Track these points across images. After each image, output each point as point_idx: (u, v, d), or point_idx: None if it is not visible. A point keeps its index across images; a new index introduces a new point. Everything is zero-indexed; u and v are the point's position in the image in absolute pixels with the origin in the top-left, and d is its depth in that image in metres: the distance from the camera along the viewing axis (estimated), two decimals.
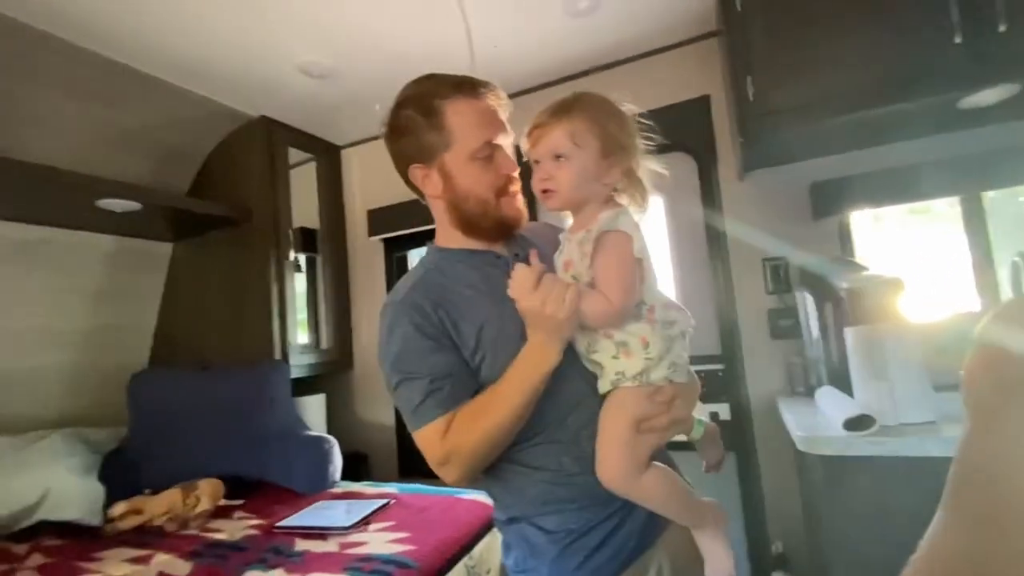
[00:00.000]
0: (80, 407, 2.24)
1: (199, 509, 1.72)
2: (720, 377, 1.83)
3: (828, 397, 1.36)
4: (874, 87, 1.30)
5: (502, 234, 0.87)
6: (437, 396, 0.77)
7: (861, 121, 1.37)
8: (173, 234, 2.40)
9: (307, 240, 2.47)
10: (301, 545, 1.45)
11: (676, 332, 0.80)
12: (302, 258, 2.49)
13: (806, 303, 1.56)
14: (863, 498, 1.13)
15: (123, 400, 2.11)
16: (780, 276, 1.72)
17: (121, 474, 1.86)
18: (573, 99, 0.81)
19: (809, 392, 1.55)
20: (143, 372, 2.24)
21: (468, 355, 0.80)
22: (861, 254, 1.69)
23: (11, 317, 2.00)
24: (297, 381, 2.17)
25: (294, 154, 2.38)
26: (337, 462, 1.97)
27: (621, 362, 0.77)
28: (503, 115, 0.86)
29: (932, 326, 1.42)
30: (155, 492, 1.77)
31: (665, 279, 1.96)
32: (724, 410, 1.84)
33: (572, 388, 0.81)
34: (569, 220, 0.86)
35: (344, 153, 2.59)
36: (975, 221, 1.59)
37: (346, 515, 1.62)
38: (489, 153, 0.83)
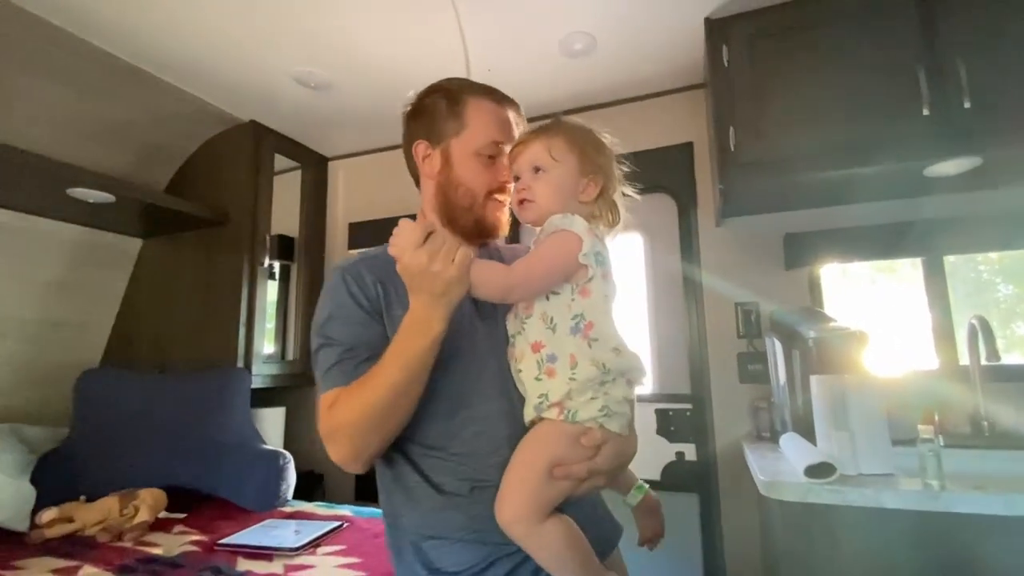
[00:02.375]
0: (21, 402, 2.11)
1: (136, 520, 1.61)
2: (688, 417, 1.84)
3: (792, 443, 1.37)
4: (845, 149, 1.38)
5: (477, 235, 0.86)
6: (344, 366, 0.75)
7: (832, 179, 1.44)
8: (144, 230, 2.33)
9: (284, 248, 2.42)
10: (243, 565, 1.37)
11: (616, 375, 0.74)
12: (277, 265, 2.45)
13: (775, 349, 1.59)
14: (822, 544, 1.13)
15: (68, 398, 2.00)
16: (751, 321, 1.76)
17: (56, 477, 1.74)
18: (554, 120, 0.86)
19: (775, 437, 1.56)
20: (93, 370, 2.13)
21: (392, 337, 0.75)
22: (829, 305, 1.74)
23: None
24: (258, 392, 2.10)
25: (280, 161, 2.36)
26: (291, 479, 1.88)
27: (544, 383, 0.73)
28: (515, 131, 0.89)
29: (892, 381, 1.46)
30: (91, 499, 1.66)
31: (640, 315, 1.98)
32: (690, 450, 1.84)
33: (489, 407, 0.77)
34: None
35: (331, 165, 2.59)
36: (936, 283, 1.66)
37: (295, 536, 1.54)
38: (492, 155, 0.85)
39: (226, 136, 2.28)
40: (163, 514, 1.72)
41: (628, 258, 2.02)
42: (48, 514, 1.59)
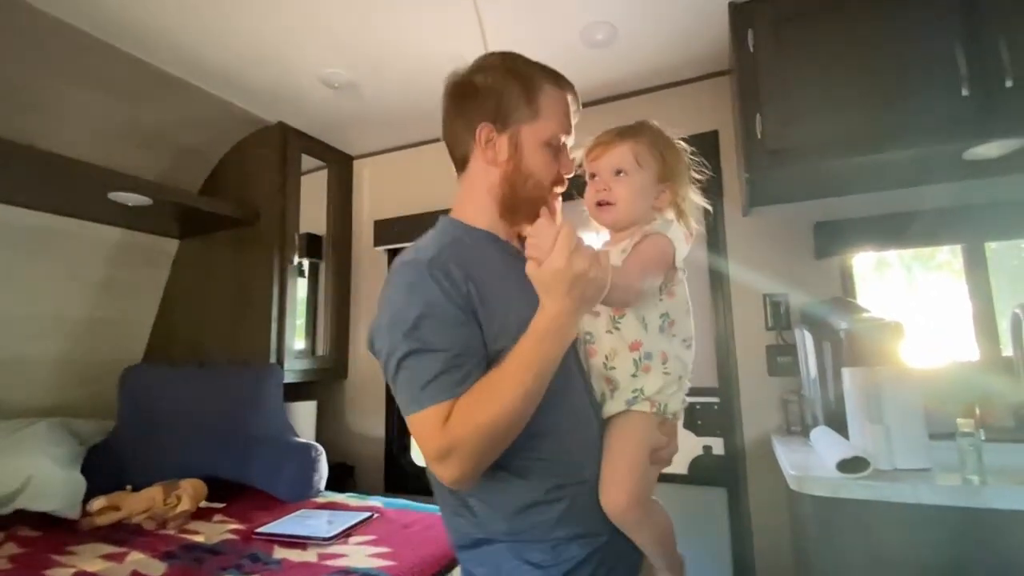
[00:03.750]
0: (71, 397, 2.23)
1: (179, 509, 1.69)
2: (715, 410, 1.82)
3: (823, 437, 1.34)
4: (879, 133, 1.33)
5: (530, 222, 0.82)
6: (454, 375, 0.66)
7: (865, 165, 1.40)
8: (180, 231, 2.42)
9: (312, 246, 2.48)
10: (279, 553, 1.43)
11: (688, 366, 0.82)
12: (306, 263, 2.51)
13: (805, 341, 1.56)
14: (854, 541, 1.11)
15: (114, 393, 2.10)
16: (780, 312, 1.72)
17: (104, 468, 1.83)
18: (639, 124, 0.87)
19: (805, 431, 1.53)
20: (136, 366, 2.24)
21: (490, 340, 0.71)
22: (862, 296, 1.69)
23: (12, 302, 2.01)
24: (290, 386, 2.16)
25: (307, 161, 2.42)
26: (323, 471, 1.94)
27: (640, 379, 0.77)
28: (575, 119, 0.85)
29: (931, 373, 1.41)
30: (136, 489, 1.75)
31: None
32: (718, 444, 1.82)
33: (578, 401, 0.77)
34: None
35: (357, 163, 2.63)
36: (977, 271, 1.59)
37: (328, 525, 1.59)
38: (559, 146, 0.82)
39: (255, 138, 2.34)
40: (203, 503, 1.79)
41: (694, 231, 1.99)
42: (98, 503, 1.67)
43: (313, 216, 2.47)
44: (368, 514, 1.69)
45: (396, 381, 0.70)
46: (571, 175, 0.85)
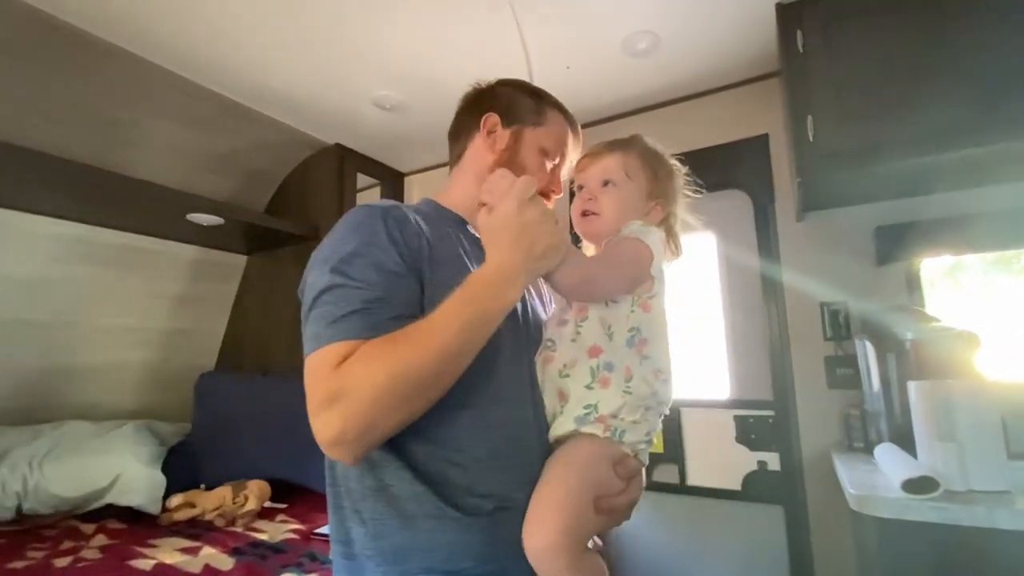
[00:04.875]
0: (153, 401, 2.44)
1: (246, 508, 1.81)
2: (770, 424, 1.75)
3: (888, 455, 1.27)
4: (948, 131, 1.25)
5: None
6: (370, 317, 0.58)
7: (932, 165, 1.32)
8: (248, 247, 2.59)
9: None
10: None
11: (658, 402, 0.71)
12: None
13: (867, 352, 1.47)
14: (922, 566, 1.03)
15: (190, 398, 2.27)
16: (839, 322, 1.64)
17: (181, 468, 1.98)
18: (631, 137, 0.85)
19: (868, 448, 1.45)
20: (209, 373, 2.41)
21: (426, 305, 0.63)
22: (931, 304, 1.58)
23: (104, 315, 2.23)
24: None
25: (361, 179, 2.54)
26: None
27: (595, 392, 0.67)
28: (572, 154, 0.89)
29: (1010, 387, 1.30)
30: (209, 488, 1.88)
31: (715, 317, 1.91)
32: (773, 460, 1.74)
33: (523, 412, 0.68)
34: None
35: (407, 180, 2.74)
36: None
37: None
38: (554, 163, 0.85)
39: (315, 159, 2.49)
40: (267, 503, 1.90)
41: (700, 258, 1.95)
42: (176, 500, 1.82)
43: None
44: None
45: (308, 319, 0.62)
46: (559, 196, 0.86)
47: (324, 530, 1.65)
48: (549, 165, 0.84)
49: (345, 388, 0.54)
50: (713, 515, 1.78)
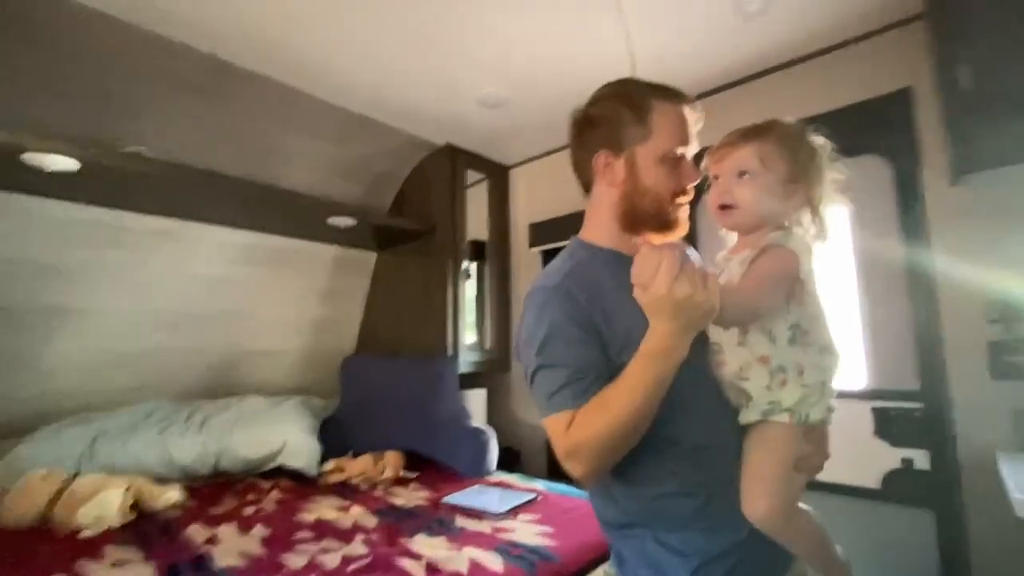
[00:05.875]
0: (309, 380, 2.85)
1: (385, 475, 2.06)
2: (917, 419, 1.55)
3: None
4: None
5: (660, 236, 0.86)
6: (574, 388, 0.75)
7: None
8: (377, 245, 2.88)
9: (477, 251, 2.76)
10: (460, 521, 1.64)
11: (831, 371, 0.77)
12: (472, 267, 2.80)
13: None
14: None
15: (337, 377, 2.62)
16: (1008, 301, 1.39)
17: (332, 438, 2.30)
18: (767, 123, 0.83)
19: None
20: (351, 357, 2.75)
21: (614, 353, 0.78)
22: None
23: (269, 308, 2.65)
24: (464, 376, 2.44)
25: (470, 175, 2.69)
26: (494, 452, 2.16)
27: (775, 392, 0.75)
28: (695, 128, 0.87)
29: None
30: (355, 455, 2.17)
31: (848, 298, 1.73)
32: (921, 458, 1.55)
33: (708, 405, 0.80)
34: (726, 244, 0.88)
35: (512, 172, 2.83)
36: None
37: (499, 502, 1.77)
38: (677, 158, 0.84)
39: (429, 160, 2.68)
40: (402, 473, 2.14)
41: (831, 233, 1.77)
42: (330, 464, 2.13)
43: (476, 224, 2.74)
44: (533, 495, 1.84)
45: (532, 390, 0.81)
46: (696, 182, 0.85)
47: (450, 499, 1.83)
48: (674, 164, 0.84)
49: (576, 447, 0.73)
50: (848, 515, 1.63)
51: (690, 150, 0.86)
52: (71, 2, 1.51)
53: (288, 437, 2.17)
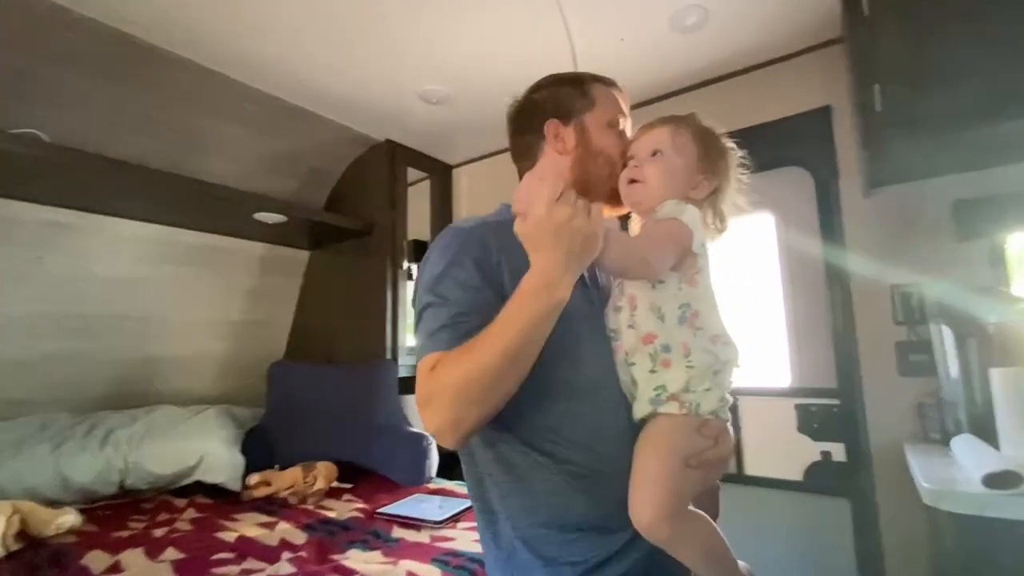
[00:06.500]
0: (231, 388, 2.64)
1: (315, 488, 1.94)
2: (835, 414, 1.67)
3: (967, 447, 1.18)
4: None
5: (611, 206, 0.87)
6: (455, 330, 0.68)
7: (1017, 132, 1.19)
8: (310, 243, 2.74)
9: (419, 251, 2.68)
10: (397, 532, 1.58)
11: (724, 364, 0.74)
12: (414, 268, 2.72)
13: (943, 337, 1.37)
14: (1003, 567, 0.97)
15: (263, 385, 2.45)
16: (912, 305, 1.52)
17: (257, 449, 2.14)
18: (688, 114, 0.86)
19: (944, 439, 1.35)
20: (279, 362, 2.58)
21: None
22: (1019, 284, 1.44)
23: (186, 310, 2.43)
24: (403, 380, 2.36)
25: (412, 173, 2.61)
26: (434, 459, 2.10)
27: (660, 375, 0.71)
28: (627, 107, 0.92)
29: None
30: (283, 468, 2.03)
31: (774, 301, 1.83)
32: (838, 450, 1.66)
33: (609, 395, 0.76)
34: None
35: (455, 172, 2.78)
36: None
37: (439, 510, 1.72)
38: (620, 129, 0.87)
39: (368, 155, 2.58)
40: (335, 484, 2.03)
41: (757, 239, 1.87)
42: (254, 478, 1.97)
43: (418, 223, 2.66)
44: None
45: (417, 331, 0.75)
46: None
47: (386, 509, 1.75)
48: (619, 133, 0.87)
49: (433, 391, 0.66)
50: (774, 506, 1.72)
51: (627, 126, 0.89)
52: None
53: (206, 450, 2.00)
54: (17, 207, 1.82)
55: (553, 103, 0.88)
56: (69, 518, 1.57)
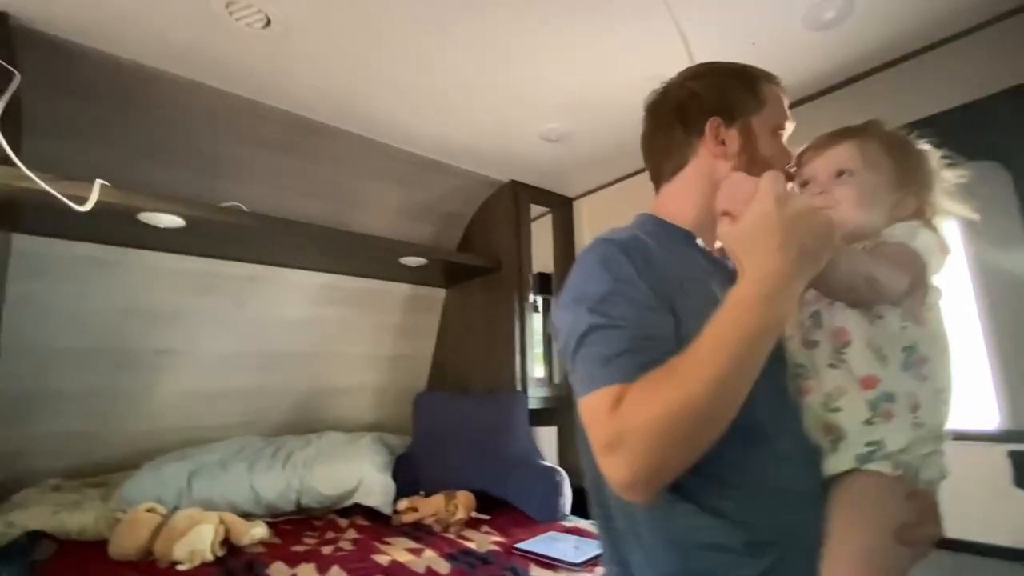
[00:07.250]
0: (383, 416, 2.92)
1: (457, 517, 2.02)
2: None
3: None
4: None
5: None
6: (639, 357, 0.55)
7: None
8: (446, 281, 2.95)
9: (543, 283, 2.74)
10: (535, 571, 1.56)
11: (946, 423, 0.62)
12: (539, 300, 2.77)
13: None
14: None
15: (410, 414, 2.65)
16: None
17: (405, 475, 2.31)
18: (866, 123, 0.74)
19: None
20: (422, 393, 2.78)
21: (682, 338, 0.58)
22: None
23: (349, 345, 2.77)
24: (534, 412, 2.39)
25: (535, 209, 2.70)
26: (567, 495, 2.07)
27: (878, 428, 0.59)
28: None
29: None
30: (428, 495, 2.16)
31: (968, 325, 1.51)
32: None
33: (794, 445, 0.62)
34: None
35: (576, 204, 2.81)
36: None
37: (575, 551, 1.68)
38: (784, 137, 0.77)
39: (494, 197, 2.73)
40: (473, 514, 2.10)
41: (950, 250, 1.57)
42: (403, 503, 2.12)
43: (542, 257, 2.73)
44: None
45: (575, 361, 0.61)
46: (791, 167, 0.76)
47: (523, 546, 1.75)
48: (783, 141, 0.77)
49: (624, 432, 0.52)
50: None
51: (788, 132, 0.78)
52: (166, 74, 1.68)
53: (363, 474, 2.21)
54: (221, 264, 2.25)
55: (718, 97, 0.75)
56: (260, 530, 1.84)
